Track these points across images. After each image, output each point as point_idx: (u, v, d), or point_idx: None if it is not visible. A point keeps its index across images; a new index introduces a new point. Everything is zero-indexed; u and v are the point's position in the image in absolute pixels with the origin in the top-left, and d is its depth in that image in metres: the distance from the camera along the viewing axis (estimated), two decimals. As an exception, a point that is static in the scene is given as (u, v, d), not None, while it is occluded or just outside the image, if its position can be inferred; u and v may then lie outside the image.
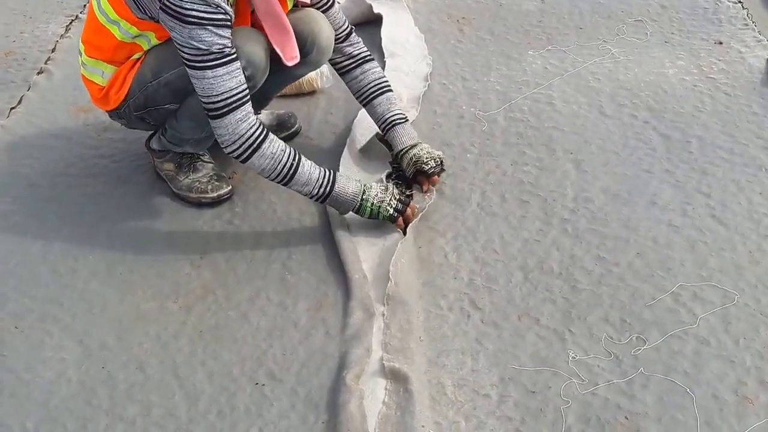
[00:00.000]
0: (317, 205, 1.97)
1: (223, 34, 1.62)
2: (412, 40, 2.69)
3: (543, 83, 2.47)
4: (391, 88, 2.04)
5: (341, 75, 2.05)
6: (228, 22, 1.62)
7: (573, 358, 1.57)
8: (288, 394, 1.52)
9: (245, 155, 1.70)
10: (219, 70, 1.63)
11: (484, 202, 1.99)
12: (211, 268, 1.82)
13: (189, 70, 1.64)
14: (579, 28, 2.78)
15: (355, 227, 1.89)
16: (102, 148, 2.21)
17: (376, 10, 2.80)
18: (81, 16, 2.92)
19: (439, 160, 1.99)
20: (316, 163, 1.80)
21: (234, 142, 1.69)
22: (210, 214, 1.97)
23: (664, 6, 2.90)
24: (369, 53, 2.05)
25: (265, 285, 1.77)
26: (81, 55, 1.87)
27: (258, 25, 1.79)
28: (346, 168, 2.07)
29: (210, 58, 1.62)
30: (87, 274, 1.81)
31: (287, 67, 1.84)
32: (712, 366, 1.55)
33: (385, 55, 2.59)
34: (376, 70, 2.03)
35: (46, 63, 2.63)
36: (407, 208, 1.85)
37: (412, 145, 1.98)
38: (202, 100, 1.67)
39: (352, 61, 2.01)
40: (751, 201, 1.97)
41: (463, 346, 1.61)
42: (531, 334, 1.63)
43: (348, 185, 1.80)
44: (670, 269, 1.78)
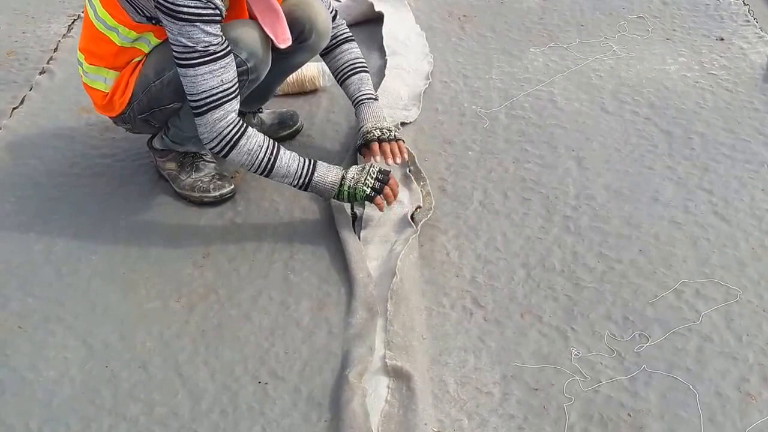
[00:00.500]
0: (320, 203, 1.98)
1: (211, 31, 1.62)
2: (414, 38, 2.69)
3: (544, 80, 2.46)
4: (365, 68, 2.04)
5: (321, 55, 2.05)
6: (217, 17, 1.62)
7: (576, 355, 1.57)
8: (291, 393, 1.52)
9: (223, 151, 1.74)
10: (201, 68, 1.64)
11: (486, 200, 1.99)
12: (214, 267, 1.82)
13: (178, 68, 1.67)
14: (580, 25, 2.78)
15: (370, 227, 1.89)
16: (104, 148, 2.21)
17: (377, 9, 2.80)
18: (83, 15, 2.91)
19: (388, 132, 1.96)
20: (321, 162, 1.81)
21: (212, 139, 1.73)
22: (212, 214, 1.98)
23: (666, 2, 2.89)
24: (350, 33, 2.05)
25: (267, 284, 1.77)
26: (81, 64, 1.87)
27: (255, 16, 1.78)
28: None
29: (194, 56, 1.63)
30: (90, 273, 1.82)
31: (287, 56, 1.84)
32: (715, 363, 1.55)
33: (387, 53, 2.59)
34: (354, 51, 2.04)
35: (48, 63, 2.63)
36: (386, 186, 1.83)
37: (371, 121, 1.98)
38: (187, 96, 1.70)
39: (332, 41, 2.02)
40: (754, 197, 1.97)
41: (465, 344, 1.61)
42: (533, 332, 1.63)
43: (328, 174, 1.82)
44: (673, 266, 1.77)
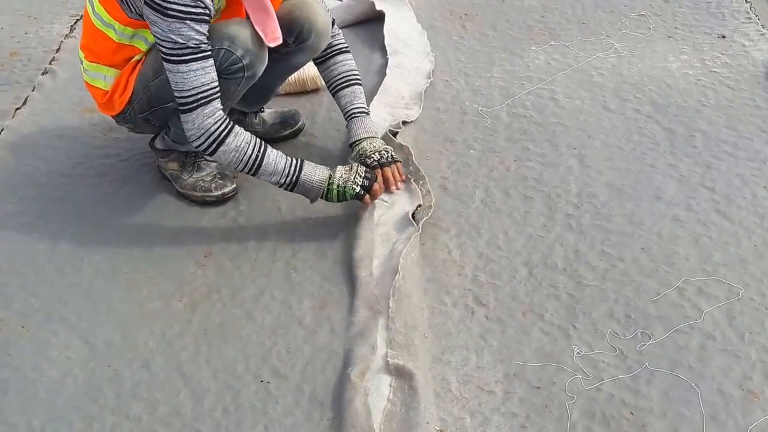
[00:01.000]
0: (322, 202, 1.97)
1: (201, 30, 1.63)
2: (415, 37, 2.69)
3: (546, 79, 2.46)
4: (359, 81, 2.04)
5: (316, 64, 2.05)
6: (206, 17, 1.63)
7: (578, 353, 1.57)
8: (293, 392, 1.53)
9: (210, 149, 1.74)
10: (193, 65, 1.65)
11: (487, 198, 1.99)
12: (216, 266, 1.82)
13: (165, 64, 1.66)
14: (582, 23, 2.77)
15: (379, 226, 1.89)
16: (107, 148, 2.22)
17: (378, 8, 2.80)
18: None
19: (386, 153, 1.96)
20: (320, 161, 1.81)
21: (200, 137, 1.72)
22: (214, 213, 1.98)
23: (667, 0, 2.89)
24: (346, 45, 2.05)
25: (269, 283, 1.77)
26: (82, 61, 1.88)
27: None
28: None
29: (186, 52, 1.63)
30: (92, 273, 1.82)
31: (286, 57, 1.84)
32: (718, 361, 1.55)
33: (388, 53, 2.59)
34: (349, 63, 2.04)
35: (50, 63, 2.64)
36: (374, 184, 1.85)
37: (364, 138, 1.98)
38: (175, 93, 1.69)
39: (327, 51, 2.01)
40: (756, 195, 1.97)
41: (467, 343, 1.61)
42: (535, 330, 1.63)
43: (314, 173, 1.82)
44: (675, 264, 1.77)
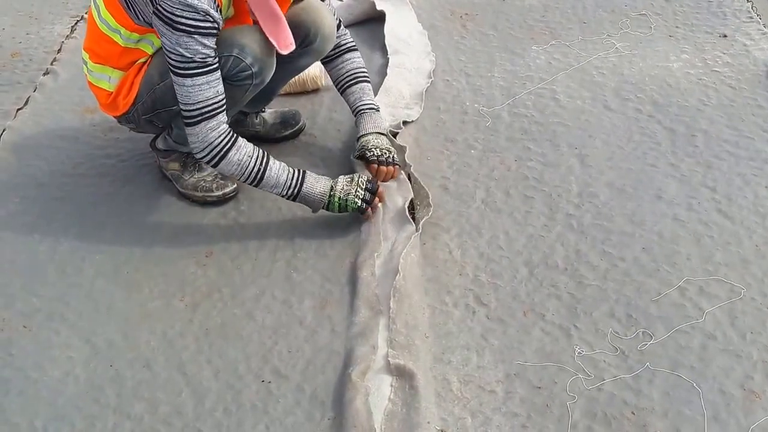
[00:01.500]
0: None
1: (208, 44, 1.64)
2: (416, 37, 2.69)
3: (547, 78, 2.46)
4: (367, 79, 2.06)
5: (324, 63, 2.07)
6: (214, 30, 1.64)
7: (579, 353, 1.57)
8: (294, 391, 1.53)
9: (214, 161, 1.76)
10: (198, 79, 1.66)
11: (488, 198, 1.99)
12: (217, 266, 1.82)
13: (173, 76, 1.68)
14: (583, 23, 2.77)
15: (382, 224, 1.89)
16: (108, 148, 2.22)
17: (379, 8, 2.80)
18: (86, 16, 2.92)
19: (387, 153, 1.97)
20: (320, 161, 1.81)
21: (203, 149, 1.74)
22: (215, 213, 1.98)
23: None
24: (353, 43, 2.07)
25: (270, 283, 1.77)
26: (86, 63, 1.88)
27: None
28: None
29: (192, 66, 1.64)
30: (94, 273, 1.82)
31: (291, 59, 1.84)
32: (719, 360, 1.55)
33: (389, 52, 2.59)
34: (357, 60, 2.06)
35: (51, 64, 2.64)
36: (374, 196, 1.86)
37: (371, 133, 2.00)
38: (180, 106, 1.71)
39: (335, 50, 2.03)
40: (757, 194, 1.97)
41: (468, 343, 1.61)
42: (536, 330, 1.63)
43: (316, 185, 1.83)
44: (676, 264, 1.77)
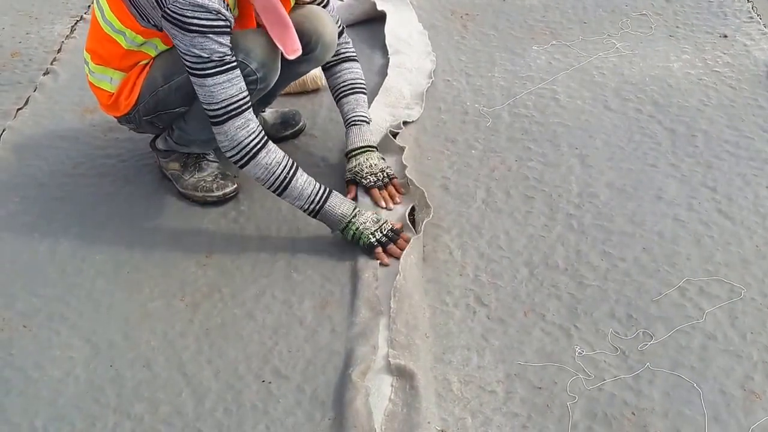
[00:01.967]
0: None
1: (223, 42, 1.63)
2: (416, 37, 2.69)
3: (547, 78, 2.46)
4: (364, 90, 2.04)
5: (323, 69, 2.06)
6: (228, 28, 1.63)
7: (579, 353, 1.57)
8: (294, 392, 1.53)
9: (242, 161, 1.73)
10: (219, 77, 1.64)
11: (488, 198, 1.99)
12: (217, 266, 1.82)
13: (192, 78, 1.66)
14: (583, 23, 2.77)
15: None
16: (109, 148, 2.22)
17: (379, 8, 2.80)
18: (86, 16, 2.92)
19: (381, 174, 1.94)
20: (320, 161, 1.80)
21: (233, 149, 1.72)
22: (215, 213, 1.98)
23: (669, 0, 2.89)
24: (354, 53, 2.06)
25: (270, 283, 1.77)
26: (88, 63, 1.87)
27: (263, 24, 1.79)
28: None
29: (210, 66, 1.63)
30: (94, 273, 1.82)
31: (291, 64, 1.84)
32: (719, 361, 1.55)
33: (389, 52, 2.59)
34: (355, 70, 2.04)
35: (51, 64, 2.64)
36: (392, 244, 1.79)
37: (361, 150, 1.97)
38: (204, 106, 1.69)
39: (335, 58, 2.02)
40: (758, 194, 1.97)
41: (468, 343, 1.61)
42: (537, 330, 1.63)
43: (340, 205, 1.78)
44: (676, 264, 1.77)
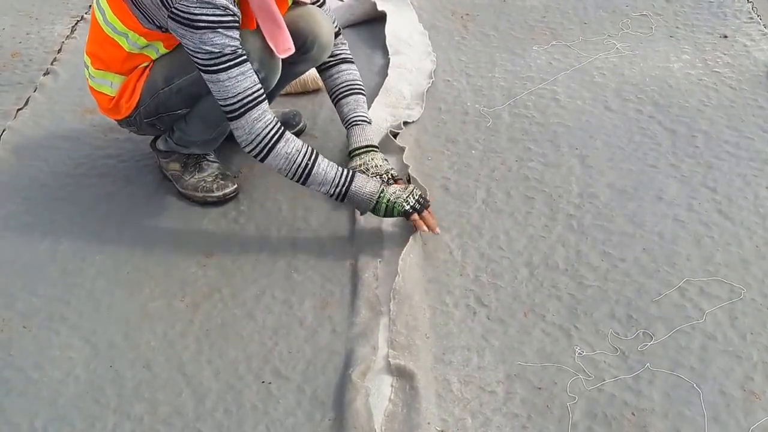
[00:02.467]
0: (322, 202, 1.98)
1: (233, 36, 1.62)
2: (416, 37, 2.69)
3: (548, 79, 2.46)
4: (362, 91, 2.03)
5: (319, 72, 2.04)
6: (236, 23, 1.62)
7: (579, 354, 1.57)
8: (294, 392, 1.53)
9: (262, 154, 1.72)
10: (233, 71, 1.64)
11: (489, 199, 1.99)
12: (217, 266, 1.82)
13: (204, 75, 1.65)
14: (583, 23, 2.77)
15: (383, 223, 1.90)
16: (109, 149, 2.22)
17: (380, 8, 2.80)
18: (86, 16, 2.92)
19: (387, 176, 1.90)
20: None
21: (251, 142, 1.70)
22: (216, 213, 1.98)
23: (669, 0, 2.89)
24: (350, 55, 2.04)
25: (270, 283, 1.77)
26: (88, 68, 1.86)
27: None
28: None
29: (223, 60, 1.62)
30: (94, 273, 1.82)
31: (289, 65, 1.84)
32: (719, 361, 1.55)
33: (390, 53, 2.58)
34: (352, 72, 2.03)
35: (52, 64, 2.64)
36: (425, 210, 1.79)
37: (365, 150, 1.95)
38: (219, 102, 1.68)
39: (332, 59, 2.01)
40: (758, 195, 1.97)
41: (469, 343, 1.61)
42: (537, 331, 1.63)
43: (366, 185, 1.77)
44: (677, 264, 1.77)
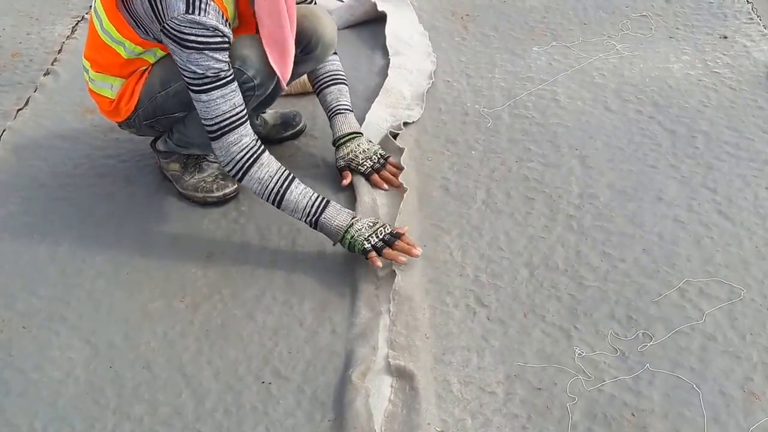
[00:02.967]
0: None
1: (220, 58, 1.63)
2: (417, 38, 2.69)
3: (548, 79, 2.46)
4: (344, 81, 2.08)
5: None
6: (226, 44, 1.63)
7: (579, 354, 1.57)
8: (294, 393, 1.53)
9: (238, 175, 1.74)
10: (213, 93, 1.65)
11: (489, 199, 1.99)
12: (218, 267, 1.82)
13: (189, 91, 1.67)
14: (583, 24, 2.77)
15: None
16: (109, 149, 2.22)
17: (380, 8, 2.80)
18: (86, 17, 2.93)
19: (377, 156, 1.99)
20: (320, 161, 1.79)
21: (228, 163, 1.73)
22: (216, 213, 1.98)
23: (669, 0, 2.89)
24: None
25: (270, 284, 1.77)
26: (87, 71, 1.87)
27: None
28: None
29: (205, 81, 1.63)
30: (94, 273, 1.82)
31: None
32: (719, 362, 1.55)
33: (390, 53, 2.59)
34: (335, 62, 2.07)
35: (52, 64, 2.64)
36: (388, 248, 1.73)
37: (350, 137, 2.01)
38: (202, 120, 1.71)
39: None
40: (757, 196, 1.97)
41: (468, 344, 1.61)
42: (537, 331, 1.63)
43: (336, 217, 1.75)
44: (676, 265, 1.77)
